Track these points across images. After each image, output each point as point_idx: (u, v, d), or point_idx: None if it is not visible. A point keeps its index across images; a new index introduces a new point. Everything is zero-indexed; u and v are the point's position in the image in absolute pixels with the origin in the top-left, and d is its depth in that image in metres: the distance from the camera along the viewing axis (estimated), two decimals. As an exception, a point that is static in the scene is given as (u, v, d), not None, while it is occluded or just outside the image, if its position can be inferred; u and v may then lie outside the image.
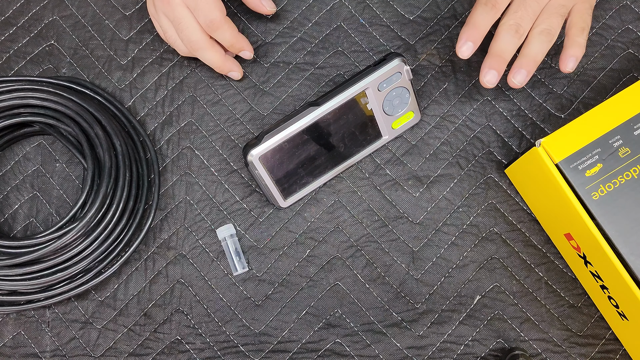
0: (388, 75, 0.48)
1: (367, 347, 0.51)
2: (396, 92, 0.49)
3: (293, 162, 0.48)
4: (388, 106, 0.50)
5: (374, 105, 0.49)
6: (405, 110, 0.51)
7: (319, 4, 0.56)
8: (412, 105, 0.51)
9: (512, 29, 0.45)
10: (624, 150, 0.44)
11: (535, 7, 0.45)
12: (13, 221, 0.53)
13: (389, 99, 0.49)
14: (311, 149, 0.48)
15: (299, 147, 0.48)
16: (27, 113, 0.51)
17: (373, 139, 0.51)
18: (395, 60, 0.48)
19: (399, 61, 0.48)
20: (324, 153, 0.49)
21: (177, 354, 0.51)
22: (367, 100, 0.48)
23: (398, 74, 0.48)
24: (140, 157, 0.52)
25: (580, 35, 0.46)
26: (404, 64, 0.48)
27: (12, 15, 0.57)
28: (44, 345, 0.51)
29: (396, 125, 0.52)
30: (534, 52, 0.46)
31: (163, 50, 0.56)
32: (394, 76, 0.48)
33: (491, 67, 0.46)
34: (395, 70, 0.48)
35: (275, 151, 0.47)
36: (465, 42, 0.46)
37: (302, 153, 0.48)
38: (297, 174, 0.49)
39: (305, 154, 0.48)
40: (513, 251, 0.52)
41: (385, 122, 0.51)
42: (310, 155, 0.49)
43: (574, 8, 0.47)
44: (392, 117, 0.51)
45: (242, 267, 0.51)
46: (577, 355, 0.50)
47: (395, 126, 0.52)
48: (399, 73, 0.48)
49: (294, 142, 0.47)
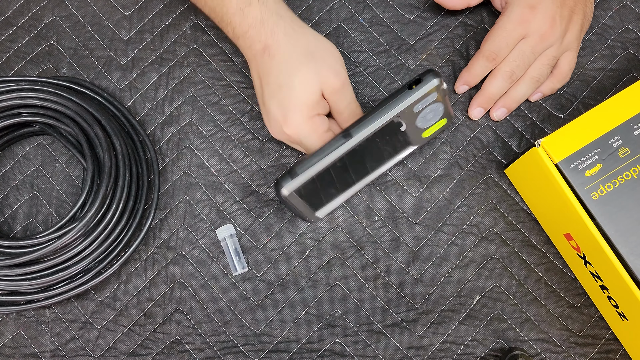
0: (425, 97, 0.44)
1: (366, 347, 0.51)
2: (431, 108, 0.46)
3: (325, 185, 0.47)
4: (421, 122, 0.47)
5: (408, 124, 0.46)
6: (437, 119, 0.48)
7: (319, 4, 0.56)
8: (445, 113, 0.48)
9: (507, 75, 0.51)
10: (624, 150, 0.44)
11: (531, 58, 0.50)
12: (13, 221, 0.53)
13: (423, 115, 0.46)
14: (343, 171, 0.47)
15: (330, 172, 0.46)
16: (27, 113, 0.51)
17: (402, 148, 0.49)
18: (434, 80, 0.43)
19: (437, 81, 0.43)
20: (355, 170, 0.48)
21: (176, 354, 0.51)
22: (401, 121, 0.45)
23: (434, 93, 0.44)
24: (140, 157, 0.52)
25: (561, 83, 0.53)
26: (441, 82, 0.44)
27: (12, 15, 0.57)
28: (44, 345, 0.51)
29: (427, 134, 0.49)
30: (520, 95, 0.52)
31: (163, 50, 0.56)
32: (430, 96, 0.44)
33: (480, 105, 0.53)
34: (433, 91, 0.44)
35: (308, 182, 0.45)
36: (462, 85, 0.54)
37: (334, 176, 0.46)
38: (329, 192, 0.48)
39: (337, 175, 0.47)
40: (513, 251, 0.52)
41: (417, 133, 0.48)
42: (342, 175, 0.47)
43: (564, 55, 0.52)
44: (424, 129, 0.48)
45: (242, 267, 0.51)
46: (576, 355, 0.50)
47: (426, 135, 0.49)
48: (435, 93, 0.44)
49: (326, 171, 0.45)
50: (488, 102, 0.53)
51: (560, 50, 0.51)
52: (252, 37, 0.45)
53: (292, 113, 0.44)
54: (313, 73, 0.44)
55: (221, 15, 0.47)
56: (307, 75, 0.43)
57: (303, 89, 0.44)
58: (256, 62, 0.46)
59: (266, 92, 0.46)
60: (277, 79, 0.44)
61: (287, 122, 0.45)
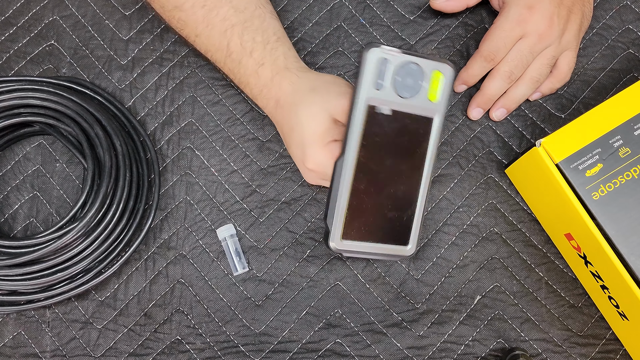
0: (375, 70, 0.38)
1: (367, 347, 0.51)
2: (399, 74, 0.39)
3: (379, 213, 0.41)
4: (407, 91, 0.39)
5: (390, 104, 0.39)
6: (426, 78, 0.39)
7: (319, 4, 0.56)
8: (428, 65, 0.39)
9: (506, 75, 0.51)
10: (624, 150, 0.44)
11: (529, 58, 0.50)
12: (13, 221, 0.53)
13: (399, 85, 0.39)
14: (378, 189, 0.41)
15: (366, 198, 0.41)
16: (27, 113, 0.51)
17: (424, 127, 0.40)
18: (369, 51, 0.38)
19: (378, 51, 0.38)
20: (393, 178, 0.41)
21: (177, 354, 0.51)
22: (377, 105, 0.39)
23: (384, 60, 0.38)
24: (141, 157, 0.52)
25: (561, 83, 0.53)
26: (376, 48, 0.38)
27: (12, 15, 0.57)
28: (44, 345, 0.51)
29: (434, 97, 0.40)
30: (519, 95, 0.52)
31: (163, 50, 0.56)
32: (380, 66, 0.38)
33: (479, 105, 0.53)
34: (376, 58, 0.38)
35: (349, 221, 0.40)
36: (461, 84, 0.54)
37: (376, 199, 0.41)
38: (393, 217, 0.42)
39: (382, 196, 0.41)
40: (513, 251, 0.52)
41: (420, 104, 0.39)
42: (386, 193, 0.41)
43: (563, 54, 0.52)
44: (420, 95, 0.39)
45: (242, 267, 0.51)
46: (577, 355, 0.50)
47: (433, 98, 0.40)
48: (384, 59, 0.38)
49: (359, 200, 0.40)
50: (487, 103, 0.53)
51: (559, 50, 0.51)
52: (266, 96, 0.47)
53: (307, 148, 0.44)
54: (318, 104, 0.43)
55: (239, 77, 0.48)
56: (312, 108, 0.43)
57: (311, 121, 0.43)
58: (273, 117, 0.48)
59: (286, 141, 0.47)
60: (289, 123, 0.45)
61: (306, 157, 0.44)
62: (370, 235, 0.41)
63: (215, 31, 0.47)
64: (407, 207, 0.41)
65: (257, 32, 0.47)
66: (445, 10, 0.54)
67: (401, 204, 0.41)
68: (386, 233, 0.41)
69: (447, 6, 0.54)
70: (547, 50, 0.50)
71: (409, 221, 0.42)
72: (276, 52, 0.46)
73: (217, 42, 0.48)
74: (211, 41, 0.48)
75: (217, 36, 0.47)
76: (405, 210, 0.41)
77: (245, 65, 0.47)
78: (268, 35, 0.47)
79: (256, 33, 0.47)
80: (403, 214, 0.41)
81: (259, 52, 0.46)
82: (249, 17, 0.47)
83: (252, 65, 0.46)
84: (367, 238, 0.41)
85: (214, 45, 0.48)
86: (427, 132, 0.40)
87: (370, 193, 0.40)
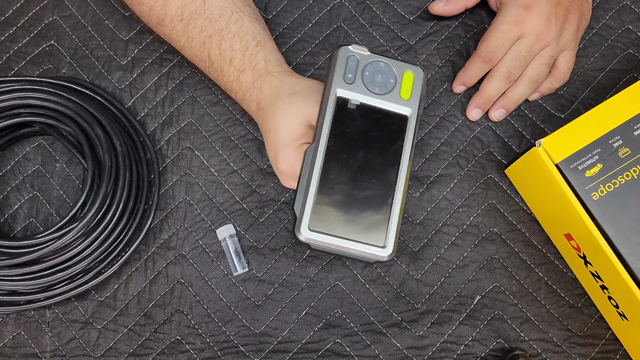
0: (344, 65, 0.41)
1: (367, 347, 0.51)
2: (368, 70, 0.41)
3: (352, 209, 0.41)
4: (378, 87, 0.42)
5: (361, 98, 0.41)
6: (396, 78, 0.42)
7: (319, 5, 0.56)
8: (399, 67, 0.42)
9: (504, 76, 0.51)
10: (624, 150, 0.44)
11: (527, 58, 0.50)
12: (13, 221, 0.53)
13: (367, 81, 0.41)
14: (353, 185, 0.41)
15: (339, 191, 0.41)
16: (27, 113, 0.51)
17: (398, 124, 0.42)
18: (339, 49, 0.41)
19: (344, 49, 0.41)
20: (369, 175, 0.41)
21: (177, 354, 0.51)
22: (351, 102, 0.41)
23: (353, 56, 0.41)
24: (140, 158, 0.52)
25: (560, 83, 0.53)
26: (346, 46, 0.41)
27: (12, 15, 0.57)
28: (44, 345, 0.51)
29: (406, 96, 0.42)
30: (518, 95, 0.52)
31: (163, 50, 0.56)
32: (349, 61, 0.41)
33: (478, 106, 0.53)
34: (346, 55, 0.41)
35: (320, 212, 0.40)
36: (459, 85, 0.54)
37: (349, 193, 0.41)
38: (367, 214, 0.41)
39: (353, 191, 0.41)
40: (513, 251, 0.52)
41: (393, 101, 0.42)
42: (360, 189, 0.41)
43: (561, 54, 0.52)
44: (393, 94, 0.42)
45: (242, 267, 0.51)
46: (577, 356, 0.50)
47: (405, 97, 0.42)
48: (353, 56, 0.41)
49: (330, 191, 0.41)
50: (486, 104, 0.53)
51: (557, 50, 0.51)
52: (249, 99, 0.47)
53: (280, 149, 0.44)
54: (296, 108, 0.44)
55: (223, 85, 0.49)
56: (289, 111, 0.44)
57: (287, 124, 0.44)
58: (256, 120, 0.48)
59: (265, 142, 0.47)
60: (267, 125, 0.46)
61: (278, 158, 0.45)
62: (340, 230, 0.40)
63: (195, 43, 0.48)
64: (381, 205, 0.41)
65: (234, 39, 0.47)
66: (444, 14, 0.54)
67: (375, 200, 0.41)
68: (359, 230, 0.40)
69: (445, 10, 0.54)
70: (545, 50, 0.50)
71: (385, 221, 0.40)
72: (256, 58, 0.47)
73: (198, 53, 0.48)
74: (194, 52, 0.49)
75: (198, 48, 0.48)
76: (379, 208, 0.41)
77: (227, 73, 0.47)
78: (247, 41, 0.47)
79: (234, 40, 0.47)
80: (377, 212, 0.41)
81: (239, 60, 0.47)
82: (224, 25, 0.47)
83: (233, 72, 0.47)
84: (338, 232, 0.40)
85: (197, 56, 0.49)
86: (402, 129, 0.42)
87: (340, 183, 0.40)
